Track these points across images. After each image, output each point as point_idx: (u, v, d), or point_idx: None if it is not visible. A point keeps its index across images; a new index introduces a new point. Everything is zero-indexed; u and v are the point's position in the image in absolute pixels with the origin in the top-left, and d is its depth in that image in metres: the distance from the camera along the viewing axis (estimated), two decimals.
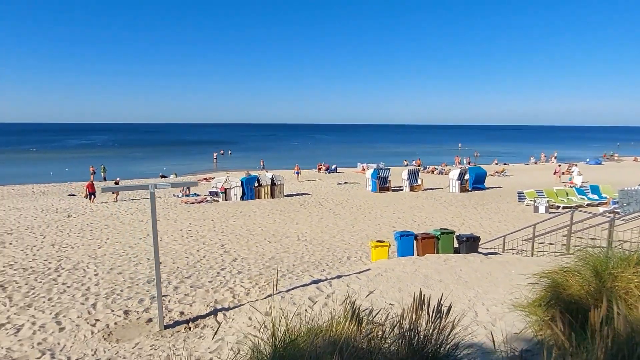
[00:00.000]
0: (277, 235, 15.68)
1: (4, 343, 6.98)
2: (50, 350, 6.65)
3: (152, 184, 6.93)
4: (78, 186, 34.29)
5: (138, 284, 10.06)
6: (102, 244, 14.64)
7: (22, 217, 20.53)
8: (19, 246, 14.57)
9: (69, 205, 24.84)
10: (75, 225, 18.43)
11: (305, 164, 51.51)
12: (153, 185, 6.94)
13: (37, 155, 70.44)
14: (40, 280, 10.51)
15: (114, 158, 61.23)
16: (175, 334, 7.17)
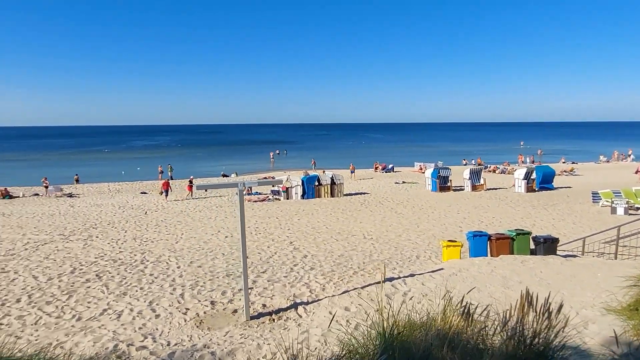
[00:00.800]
0: (342, 233, 15.89)
1: (110, 327, 7.66)
2: (151, 334, 7.22)
3: (240, 182, 7.33)
4: (148, 184, 36.45)
5: (218, 277, 10.62)
6: (179, 239, 15.52)
7: (103, 213, 22.17)
8: (105, 239, 15.79)
9: (142, 202, 26.48)
10: (151, 221, 19.64)
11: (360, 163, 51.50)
12: (242, 183, 7.33)
13: (108, 156, 75.47)
14: (129, 271, 11.37)
15: (177, 158, 64.36)
16: (261, 324, 7.53)
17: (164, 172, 41.64)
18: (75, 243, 15.17)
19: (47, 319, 8.20)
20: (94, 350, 6.57)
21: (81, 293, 9.68)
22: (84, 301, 9.15)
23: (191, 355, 6.16)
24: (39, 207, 24.67)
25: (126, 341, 6.92)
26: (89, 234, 16.75)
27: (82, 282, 10.47)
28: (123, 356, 6.27)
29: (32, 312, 8.58)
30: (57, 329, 7.67)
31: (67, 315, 8.33)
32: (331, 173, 29.72)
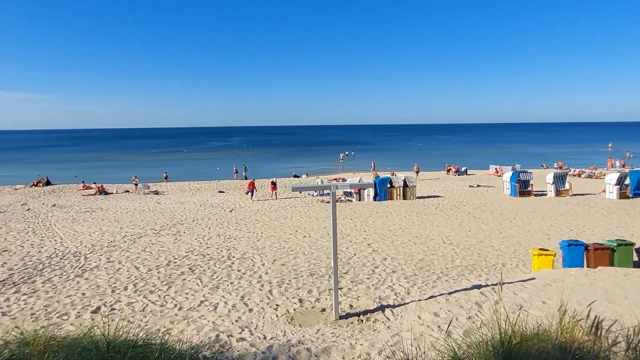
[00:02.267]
0: (420, 237, 15.67)
1: (209, 317, 8.20)
2: (247, 327, 7.62)
3: (333, 185, 7.53)
4: (225, 184, 38.24)
5: (302, 276, 10.94)
6: (260, 237, 16.16)
7: (187, 210, 23.61)
8: (191, 235, 16.83)
9: (220, 200, 27.84)
10: (231, 219, 20.60)
11: (430, 165, 50.39)
12: (334, 186, 7.53)
13: (187, 156, 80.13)
14: (219, 266, 12.05)
15: (250, 158, 66.76)
16: (350, 324, 7.66)
17: (238, 172, 43.45)
18: (166, 237, 16.33)
19: (152, 307, 8.95)
20: (199, 338, 7.06)
21: (178, 284, 10.43)
22: (182, 292, 9.86)
23: (288, 349, 6.42)
24: (130, 203, 26.82)
25: (226, 332, 7.37)
26: (177, 230, 17.93)
27: (178, 275, 11.28)
28: (226, 346, 6.69)
29: (139, 299, 9.41)
30: (163, 317, 8.35)
31: (170, 305, 9.03)
32: (403, 175, 29.35)
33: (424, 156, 69.07)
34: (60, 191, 33.48)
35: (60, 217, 21.43)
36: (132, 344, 5.13)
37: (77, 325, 7.98)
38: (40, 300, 9.50)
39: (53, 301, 9.45)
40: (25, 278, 11.21)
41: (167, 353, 5.14)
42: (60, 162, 68.09)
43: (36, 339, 5.41)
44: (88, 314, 8.68)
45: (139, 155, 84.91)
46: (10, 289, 10.32)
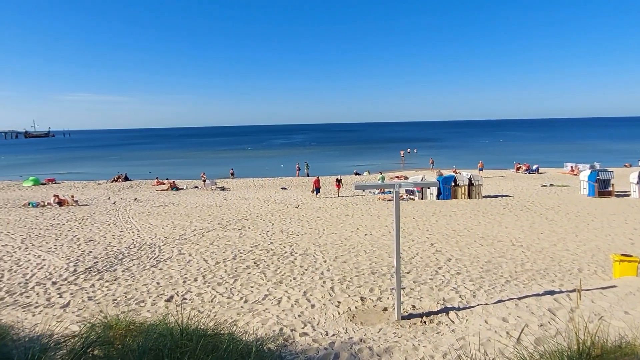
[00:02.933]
0: (486, 238, 15.06)
1: (273, 311, 8.44)
2: (309, 322, 7.76)
3: (397, 183, 7.45)
4: (287, 181, 39.02)
5: (364, 274, 10.93)
6: (321, 234, 16.33)
7: (251, 206, 24.38)
8: (256, 230, 17.37)
9: (283, 197, 28.44)
10: (294, 216, 20.99)
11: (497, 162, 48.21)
12: (398, 184, 7.44)
13: (251, 153, 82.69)
14: (282, 262, 12.35)
15: (312, 156, 67.52)
16: (413, 325, 7.55)
17: (300, 169, 44.15)
18: (232, 232, 16.99)
19: (220, 298, 9.38)
20: (263, 331, 7.30)
21: (244, 278, 10.83)
22: (247, 285, 10.23)
23: (350, 347, 6.46)
24: (199, 199, 28.16)
25: (289, 326, 7.55)
26: (242, 225, 18.58)
27: (244, 268, 11.71)
28: (289, 340, 6.85)
29: (207, 291, 9.89)
30: (230, 308, 8.72)
31: (236, 297, 9.41)
32: (469, 173, 28.30)
33: (490, 153, 66.17)
34: (136, 186, 35.91)
35: (137, 210, 22.99)
36: (203, 333, 5.41)
37: (152, 312, 8.55)
38: (120, 288, 10.28)
39: (132, 289, 10.19)
40: (107, 266, 12.18)
41: (235, 344, 5.37)
42: (136, 160, 73.02)
43: (118, 324, 5.86)
44: (162, 302, 9.26)
45: (206, 152, 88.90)
46: (95, 276, 11.27)
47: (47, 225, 19.03)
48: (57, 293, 9.96)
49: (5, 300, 9.55)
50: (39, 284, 10.70)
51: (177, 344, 4.89)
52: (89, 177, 44.56)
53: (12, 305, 9.22)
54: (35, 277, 11.30)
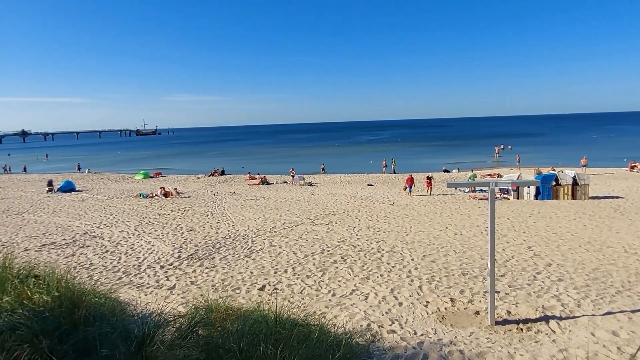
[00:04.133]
0: (593, 243, 13.71)
1: (360, 306, 8.52)
2: (397, 320, 7.72)
3: (492, 182, 7.10)
4: (374, 177, 38.90)
5: (453, 275, 10.57)
6: (408, 232, 16.07)
7: (338, 202, 24.70)
8: (343, 226, 17.58)
9: (370, 193, 28.41)
10: (380, 212, 20.88)
11: (606, 159, 43.65)
12: (494, 183, 7.10)
13: (338, 150, 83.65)
14: (369, 258, 12.39)
15: (398, 152, 66.53)
16: (508, 332, 7.16)
17: (387, 166, 43.75)
18: (319, 227, 17.38)
19: (309, 290, 9.68)
20: (351, 325, 7.40)
21: (332, 272, 11.05)
22: (335, 279, 10.43)
23: (440, 349, 6.31)
24: (288, 193, 29.19)
25: (377, 322, 7.58)
26: (330, 220, 18.91)
27: (331, 263, 11.94)
28: (377, 336, 6.88)
29: (297, 282, 10.26)
30: (318, 301, 8.97)
31: (324, 290, 9.65)
32: (573, 172, 25.93)
33: (598, 149, 59.98)
34: (231, 180, 38.20)
35: (232, 203, 24.47)
36: (295, 322, 5.66)
37: (247, 299, 9.08)
38: (218, 275, 11.06)
39: (228, 276, 10.92)
40: (206, 254, 13.16)
41: (325, 335, 5.54)
42: (231, 155, 77.63)
43: (218, 307, 6.34)
44: (255, 290, 9.80)
45: (294, 149, 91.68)
46: (196, 262, 12.24)
47: (155, 214, 21.02)
48: (165, 276, 11.00)
49: (122, 279, 10.77)
50: (149, 267, 11.90)
51: (271, 331, 5.17)
52: (189, 171, 48.34)
53: (128, 284, 10.37)
54: (147, 260, 12.59)
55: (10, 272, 6.66)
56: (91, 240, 15.50)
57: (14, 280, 6.29)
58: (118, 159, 78.20)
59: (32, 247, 14.42)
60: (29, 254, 13.02)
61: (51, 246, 14.57)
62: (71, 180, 34.86)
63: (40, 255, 13.02)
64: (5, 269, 6.73)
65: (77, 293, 5.59)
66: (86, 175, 46.55)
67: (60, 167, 61.34)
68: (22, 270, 6.74)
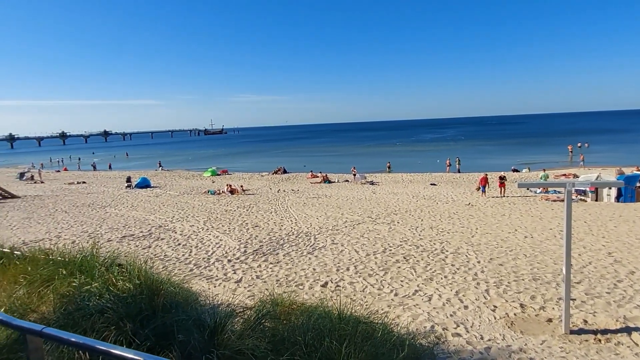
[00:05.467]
0: None
1: (423, 307, 8.40)
2: (462, 324, 7.52)
3: (569, 183, 6.71)
4: (437, 176, 37.91)
5: (523, 279, 10.09)
6: (474, 233, 15.53)
7: (400, 201, 24.36)
8: (405, 225, 17.34)
9: (433, 193, 27.72)
10: (444, 212, 20.33)
11: None
12: (571, 184, 6.70)
13: (399, 149, 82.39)
14: (432, 259, 12.14)
15: (463, 151, 64.26)
16: (584, 342, 6.74)
17: (451, 165, 42.48)
18: (381, 226, 17.27)
19: (371, 289, 9.69)
20: (414, 326, 7.33)
21: (394, 271, 10.97)
22: (397, 279, 10.35)
23: (508, 355, 6.10)
24: (349, 192, 29.25)
25: (441, 324, 7.44)
26: (391, 219, 18.73)
27: (393, 262, 11.85)
28: (441, 338, 6.76)
29: (359, 280, 10.30)
30: (380, 300, 8.95)
31: (386, 289, 9.61)
32: None
33: None
34: (293, 179, 38.95)
35: (294, 201, 24.97)
36: (358, 320, 5.71)
37: (310, 295, 9.27)
38: (282, 270, 11.37)
39: (291, 272, 11.19)
40: (271, 250, 13.57)
41: (388, 334, 5.54)
42: (293, 154, 79.11)
43: (283, 302, 6.54)
44: (318, 286, 9.97)
45: (355, 147, 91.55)
46: (261, 258, 12.67)
47: (222, 210, 21.97)
48: (232, 269, 11.50)
49: (193, 271, 11.40)
50: (218, 260, 12.49)
51: (335, 327, 5.26)
52: (253, 169, 49.93)
53: (198, 276, 10.96)
54: (215, 254, 13.22)
55: (97, 260, 7.31)
56: (165, 233, 16.53)
57: (101, 268, 6.91)
58: (188, 157, 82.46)
59: (114, 238, 15.65)
60: (111, 244, 14.15)
61: (130, 238, 15.73)
62: (147, 177, 37.31)
63: (121, 246, 14.10)
64: (93, 257, 7.40)
65: (155, 282, 6.03)
66: (160, 173, 49.62)
67: (138, 165, 65.98)
68: (107, 259, 7.38)
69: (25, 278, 6.58)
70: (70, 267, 6.83)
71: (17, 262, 7.50)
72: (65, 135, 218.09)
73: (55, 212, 22.50)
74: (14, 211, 23.17)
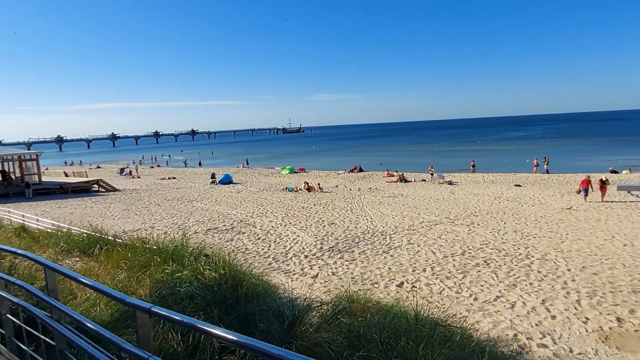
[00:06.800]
0: None
1: (505, 314, 8.01)
2: (549, 334, 7.06)
3: None
4: (522, 177, 35.69)
5: (621, 291, 9.21)
6: (564, 239, 14.43)
7: (480, 202, 23.29)
8: (486, 228, 16.57)
9: (517, 194, 26.16)
10: (529, 216, 19.09)
11: None
12: None
13: (481, 147, 78.64)
14: (515, 264, 11.49)
15: (553, 150, 59.75)
16: None
17: (539, 166, 39.72)
18: (460, 227, 16.67)
19: (448, 292, 9.43)
20: (495, 333, 7.02)
21: (473, 275, 10.56)
22: (477, 283, 9.95)
23: None
24: (426, 192, 28.56)
25: (525, 333, 7.05)
26: (471, 221, 18.00)
27: (473, 265, 11.40)
28: (525, 348, 6.41)
29: (436, 282, 10.07)
30: (458, 304, 8.68)
31: (465, 293, 9.29)
32: None
33: None
34: (369, 177, 38.86)
35: (370, 199, 24.92)
36: (436, 322, 5.60)
37: (385, 294, 9.23)
38: (357, 268, 11.45)
39: (367, 270, 11.22)
40: (346, 247, 13.70)
41: (467, 339, 5.38)
42: (368, 152, 78.84)
43: (358, 299, 6.61)
44: (393, 286, 9.90)
45: (432, 146, 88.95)
46: (337, 255, 12.84)
47: (299, 207, 22.55)
48: (309, 265, 11.80)
49: (272, 265, 11.87)
50: (295, 255, 12.88)
51: (411, 327, 5.21)
52: (330, 167, 50.51)
53: (277, 270, 11.39)
54: (292, 249, 13.64)
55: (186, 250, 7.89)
56: (246, 227, 17.37)
57: (190, 257, 7.45)
58: (267, 155, 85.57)
59: (200, 230, 16.76)
60: (198, 236, 15.16)
61: (214, 231, 16.74)
62: (229, 174, 39.35)
63: (206, 237, 15.05)
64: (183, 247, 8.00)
65: (238, 273, 6.39)
66: (241, 170, 52.11)
67: (221, 162, 69.86)
68: (194, 249, 7.94)
69: (126, 263, 7.28)
70: (164, 256, 7.44)
71: (119, 248, 8.31)
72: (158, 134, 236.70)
73: (150, 205, 24.57)
74: (115, 203, 25.70)
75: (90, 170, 59.25)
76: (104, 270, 7.34)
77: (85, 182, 34.12)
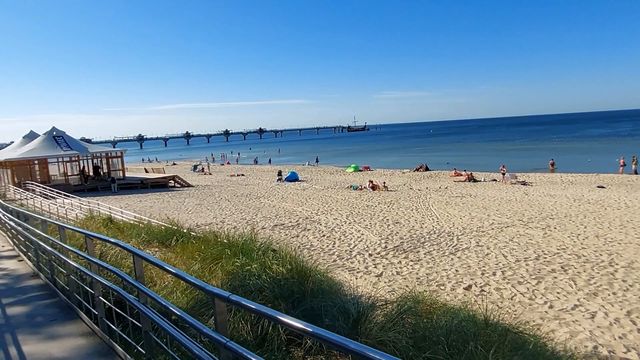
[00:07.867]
0: None
1: (584, 325, 7.50)
2: (635, 349, 6.53)
3: None
4: (607, 178, 32.96)
5: None
6: None
7: (557, 204, 21.85)
8: (564, 232, 15.53)
9: (600, 197, 24.23)
10: (614, 220, 17.64)
11: None
12: None
13: (557, 145, 73.58)
14: (597, 271, 10.69)
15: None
16: None
17: (625, 165, 36.46)
18: (534, 231, 15.77)
19: (520, 297, 8.99)
20: (572, 343, 6.60)
21: (549, 281, 9.98)
22: (552, 290, 9.40)
23: None
24: (497, 192, 27.28)
25: (606, 346, 6.58)
26: (547, 224, 16.96)
27: (548, 271, 10.76)
28: None
29: (507, 287, 9.65)
30: (531, 310, 8.26)
31: (539, 300, 8.81)
32: None
33: None
34: (435, 176, 37.84)
35: (436, 199, 24.30)
36: (506, 329, 5.39)
37: (451, 297, 9.00)
38: (422, 268, 11.25)
39: (432, 271, 11.00)
40: (411, 247, 13.50)
41: (541, 348, 5.13)
42: (435, 151, 76.67)
43: (424, 299, 6.51)
44: (460, 289, 9.62)
45: (504, 144, 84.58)
46: (401, 254, 12.70)
47: (364, 205, 22.52)
48: (373, 264, 11.78)
49: (337, 262, 12.00)
50: (359, 253, 12.92)
51: (480, 332, 5.06)
52: (395, 166, 49.83)
53: (341, 267, 11.50)
54: (357, 247, 13.68)
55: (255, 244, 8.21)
56: (311, 224, 17.67)
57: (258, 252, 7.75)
58: (332, 153, 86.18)
59: (267, 226, 17.32)
60: (265, 231, 15.68)
61: (281, 227, 17.21)
62: (295, 172, 40.17)
63: (273, 233, 15.54)
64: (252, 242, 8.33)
65: (304, 268, 6.55)
66: (306, 167, 52.97)
67: (287, 160, 71.49)
68: (262, 244, 8.23)
69: (200, 255, 7.72)
70: (234, 249, 7.81)
71: (193, 241, 8.83)
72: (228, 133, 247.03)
73: (220, 200, 25.79)
74: (189, 198, 27.26)
75: (167, 166, 63.23)
76: (180, 260, 7.85)
77: (163, 178, 36.54)
